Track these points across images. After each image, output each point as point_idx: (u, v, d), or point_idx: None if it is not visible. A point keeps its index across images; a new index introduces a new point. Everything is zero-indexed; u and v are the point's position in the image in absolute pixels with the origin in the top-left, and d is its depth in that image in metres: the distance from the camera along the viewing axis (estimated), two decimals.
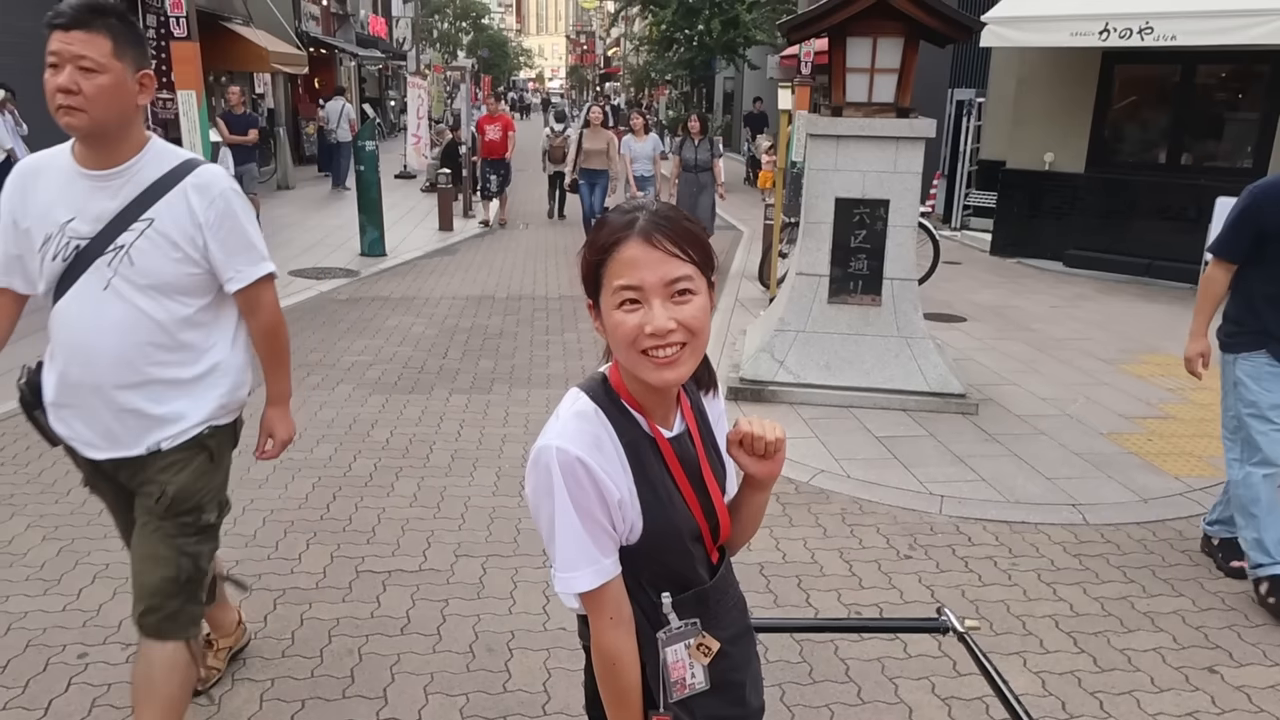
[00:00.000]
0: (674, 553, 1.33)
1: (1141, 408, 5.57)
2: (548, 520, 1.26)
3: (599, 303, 1.26)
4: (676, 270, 1.21)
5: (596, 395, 1.31)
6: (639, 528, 1.29)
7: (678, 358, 1.22)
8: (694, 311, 1.22)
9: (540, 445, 1.26)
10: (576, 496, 1.23)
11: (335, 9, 25.06)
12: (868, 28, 5.21)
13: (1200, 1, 8.22)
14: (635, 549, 1.30)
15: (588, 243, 1.28)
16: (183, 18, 7.47)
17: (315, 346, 6.57)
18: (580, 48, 73.19)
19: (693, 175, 9.68)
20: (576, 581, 1.25)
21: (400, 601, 3.30)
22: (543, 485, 1.25)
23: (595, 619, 1.29)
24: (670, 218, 1.24)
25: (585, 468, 1.23)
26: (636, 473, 1.28)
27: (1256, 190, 3.31)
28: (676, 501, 1.32)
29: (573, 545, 1.24)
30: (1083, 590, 3.48)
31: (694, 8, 18.12)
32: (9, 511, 3.93)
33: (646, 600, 1.33)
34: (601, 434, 1.27)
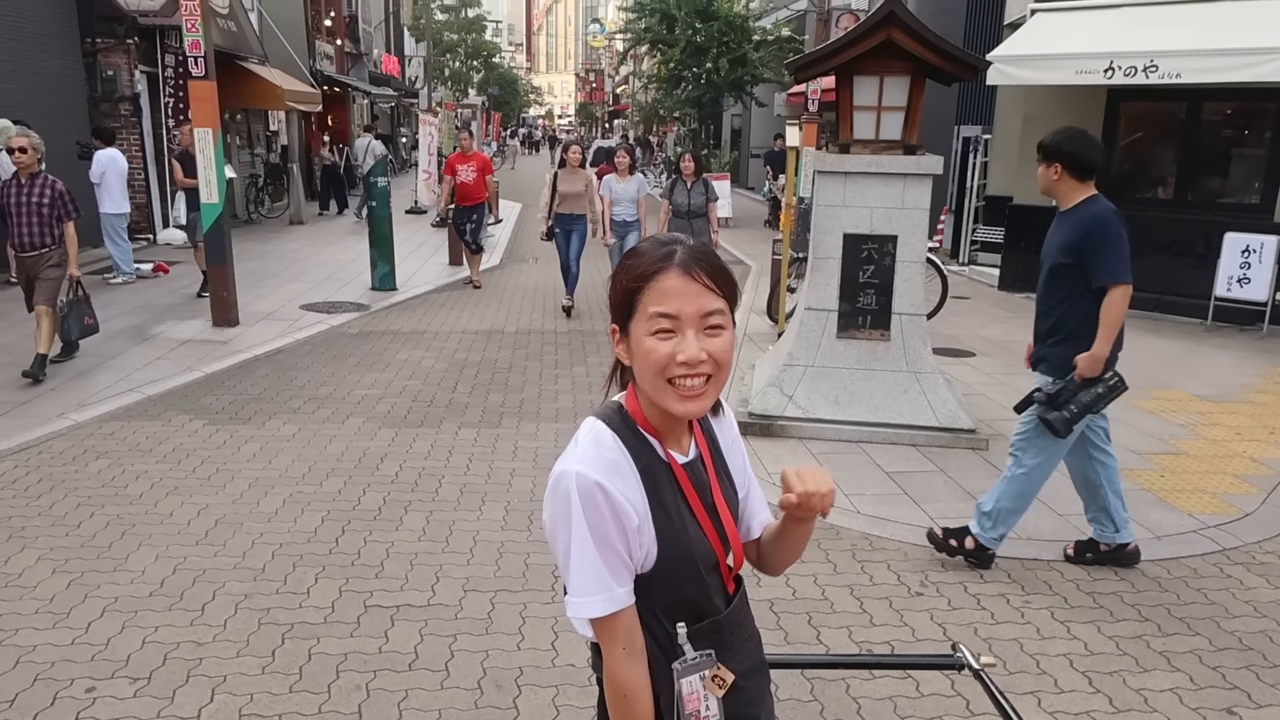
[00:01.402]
0: (689, 580, 1.33)
1: (1153, 443, 5.54)
2: (564, 545, 1.26)
3: (627, 329, 1.28)
4: (711, 304, 1.24)
5: (613, 422, 1.33)
6: (654, 554, 1.29)
7: (703, 391, 1.25)
8: (723, 345, 1.26)
9: (559, 470, 1.27)
10: (594, 522, 1.24)
11: (349, 48, 25.49)
12: (874, 67, 5.28)
13: (1204, 40, 8.30)
14: (650, 577, 1.30)
15: (623, 270, 1.30)
16: (201, 58, 7.64)
17: (325, 380, 6.60)
18: (589, 85, 74.15)
19: (685, 222, 8.49)
20: (589, 607, 1.25)
21: (408, 637, 3.29)
22: (560, 510, 1.26)
23: (608, 649, 1.28)
24: (706, 253, 1.28)
25: (604, 493, 1.24)
26: (652, 498, 1.29)
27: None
28: (691, 528, 1.33)
29: (588, 571, 1.25)
30: (1097, 629, 3.44)
31: (702, 46, 18.35)
32: (19, 544, 3.93)
33: (661, 630, 1.32)
34: (619, 459, 1.28)
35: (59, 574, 3.68)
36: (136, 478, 4.71)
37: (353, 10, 26.14)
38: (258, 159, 17.90)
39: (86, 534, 4.04)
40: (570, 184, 9.04)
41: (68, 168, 10.34)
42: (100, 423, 5.54)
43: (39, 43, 10.85)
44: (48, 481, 4.63)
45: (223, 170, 8.00)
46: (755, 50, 18.41)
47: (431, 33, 32.15)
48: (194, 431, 5.44)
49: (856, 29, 5.26)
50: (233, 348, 7.33)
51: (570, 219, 9.10)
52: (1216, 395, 6.61)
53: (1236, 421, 6.02)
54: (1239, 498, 4.73)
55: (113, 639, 3.22)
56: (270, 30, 16.35)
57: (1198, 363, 7.61)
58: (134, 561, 3.80)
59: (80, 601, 3.46)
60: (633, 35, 20.58)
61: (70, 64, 11.52)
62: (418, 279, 10.90)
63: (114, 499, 4.43)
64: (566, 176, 9.06)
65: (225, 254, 7.96)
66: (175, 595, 3.53)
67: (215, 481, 4.69)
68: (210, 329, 7.89)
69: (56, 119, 10.91)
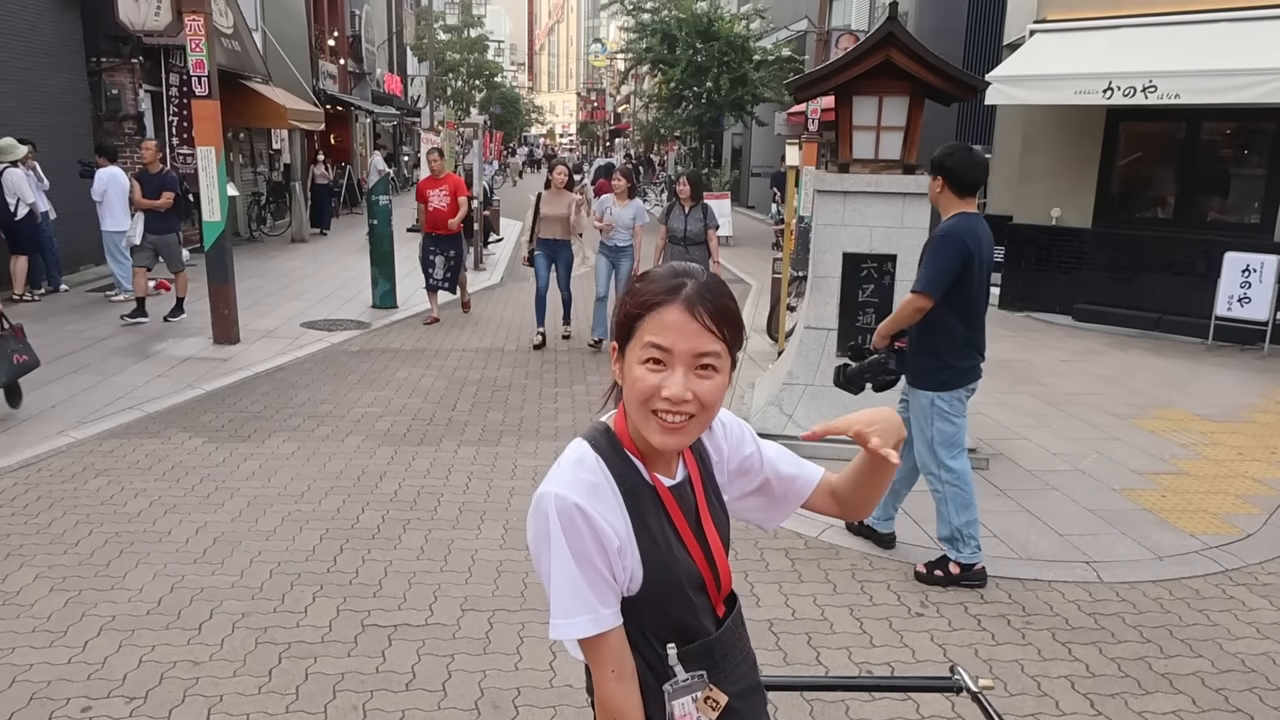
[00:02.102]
0: (676, 602, 1.32)
1: (1155, 463, 5.53)
2: (545, 567, 1.26)
3: (624, 351, 1.29)
4: (707, 345, 1.24)
5: (597, 443, 1.33)
6: (639, 577, 1.29)
7: (684, 426, 1.25)
8: (711, 388, 1.25)
9: (539, 492, 1.28)
10: (574, 543, 1.24)
11: (352, 68, 25.67)
12: (874, 87, 5.31)
13: (1203, 61, 8.35)
14: (637, 599, 1.30)
15: (631, 292, 1.30)
16: (205, 76, 7.68)
17: (325, 398, 6.60)
18: (591, 105, 74.65)
19: (681, 249, 7.78)
20: (571, 628, 1.25)
21: (406, 656, 3.27)
22: (541, 532, 1.26)
23: (597, 671, 1.28)
24: (716, 292, 1.26)
25: (583, 514, 1.24)
26: (635, 521, 1.29)
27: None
28: (677, 550, 1.32)
29: (569, 592, 1.24)
30: (1099, 650, 3.43)
31: (703, 66, 18.47)
32: (18, 562, 3.92)
33: (651, 652, 1.32)
34: (601, 481, 1.28)
35: (57, 592, 3.67)
36: (135, 495, 4.70)
37: (356, 30, 26.34)
38: (260, 177, 17.99)
39: (85, 552, 4.03)
40: (554, 206, 8.38)
41: (70, 185, 10.41)
42: (100, 440, 5.53)
43: (45, 62, 10.94)
44: (47, 499, 4.63)
45: (225, 188, 8.03)
46: (755, 70, 18.53)
47: (434, 53, 32.40)
48: (193, 449, 5.44)
49: (856, 49, 5.30)
50: (233, 365, 7.34)
51: (553, 244, 8.43)
52: (1218, 415, 6.60)
53: (1238, 441, 6.01)
54: (1241, 518, 4.71)
55: (109, 658, 3.21)
56: (274, 50, 16.48)
57: (1199, 382, 7.61)
58: (132, 580, 3.79)
59: (78, 620, 3.45)
60: (634, 55, 20.73)
61: (75, 83, 11.60)
62: (418, 297, 10.91)
63: (113, 516, 4.42)
64: (550, 198, 8.44)
65: (227, 272, 7.99)
66: (173, 614, 3.52)
67: (214, 499, 4.68)
68: (211, 346, 7.91)
69: (61, 137, 10.98)
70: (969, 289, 3.83)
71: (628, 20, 21.07)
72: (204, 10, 7.63)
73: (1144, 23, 9.14)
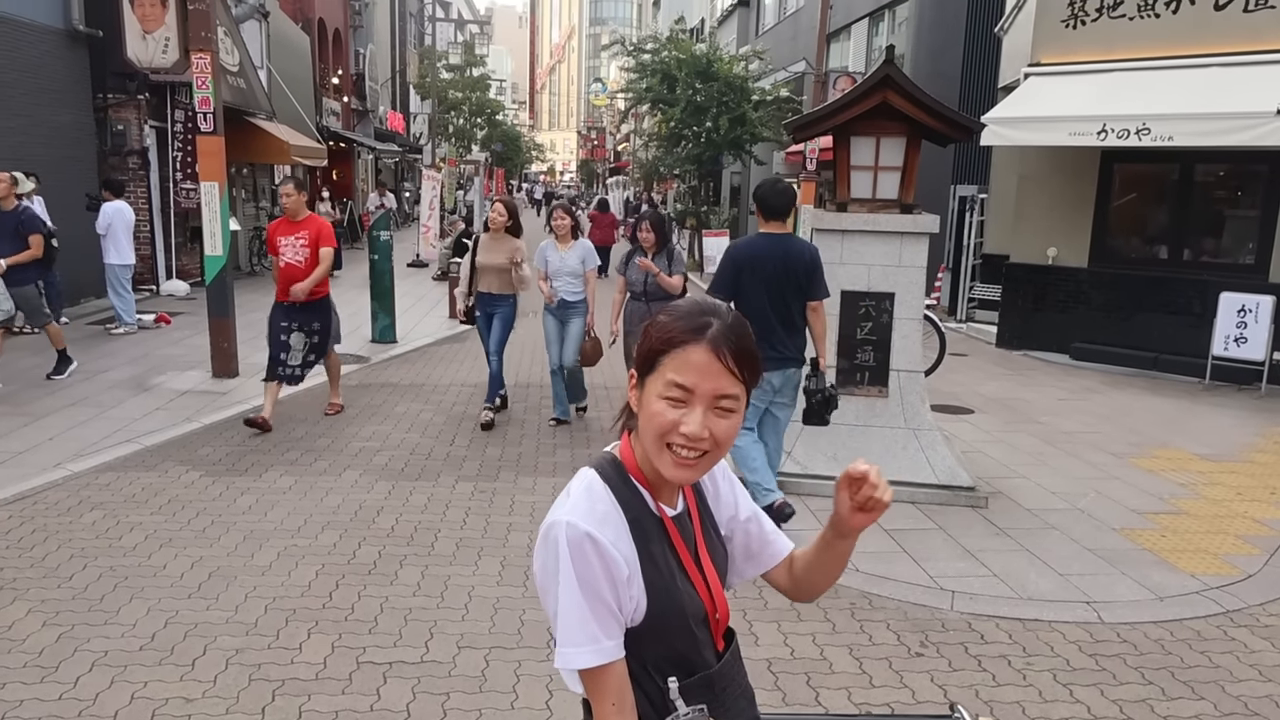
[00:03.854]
0: (678, 633, 1.32)
1: (1154, 503, 5.52)
2: (553, 596, 1.26)
3: (644, 382, 1.30)
4: (728, 387, 1.26)
5: (605, 472, 1.34)
6: (643, 607, 1.29)
7: (697, 463, 1.27)
8: (727, 428, 1.27)
9: (549, 521, 1.28)
10: (582, 573, 1.24)
11: (356, 105, 25.98)
12: (871, 128, 5.38)
13: (1195, 104, 8.48)
14: (640, 630, 1.30)
15: (656, 326, 1.30)
16: (210, 113, 7.78)
17: (323, 432, 6.59)
18: (591, 143, 75.41)
19: (642, 305, 6.50)
20: (577, 658, 1.24)
21: (401, 694, 3.23)
22: (550, 561, 1.26)
23: (598, 705, 1.27)
24: (740, 335, 1.28)
25: (594, 543, 1.24)
26: (641, 550, 1.29)
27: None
28: (680, 580, 1.33)
29: (575, 621, 1.24)
30: (1100, 692, 3.39)
31: (702, 106, 18.68)
32: (10, 596, 3.89)
33: (652, 686, 1.31)
34: (610, 510, 1.29)
35: (49, 626, 3.63)
36: (131, 529, 4.67)
37: (360, 69, 26.70)
38: (262, 212, 18.11)
39: (79, 586, 4.00)
40: (491, 254, 6.76)
41: (73, 218, 10.48)
42: (96, 473, 5.51)
43: (53, 97, 11.08)
44: (41, 532, 4.60)
45: (227, 223, 8.09)
46: (754, 110, 18.74)
47: (437, 91, 32.78)
48: (190, 483, 5.42)
49: (853, 91, 5.38)
50: (232, 399, 7.34)
51: (492, 299, 6.89)
52: (1216, 454, 6.60)
53: (1237, 481, 6.00)
54: (1241, 558, 4.69)
55: (101, 694, 3.17)
56: (279, 87, 16.69)
57: (1196, 422, 7.61)
58: (125, 614, 3.76)
59: (69, 655, 3.42)
60: (634, 95, 20.97)
61: (81, 118, 11.74)
62: (418, 331, 10.95)
63: (107, 551, 4.40)
64: (488, 244, 6.83)
65: (227, 306, 8.01)
66: (166, 649, 3.49)
67: (210, 533, 4.65)
68: (210, 380, 7.91)
69: (66, 171, 11.08)
70: (744, 292, 4.67)
71: (628, 61, 21.34)
72: (211, 49, 7.74)
73: (1136, 67, 9.30)
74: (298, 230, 6.65)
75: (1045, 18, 10.05)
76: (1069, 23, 9.86)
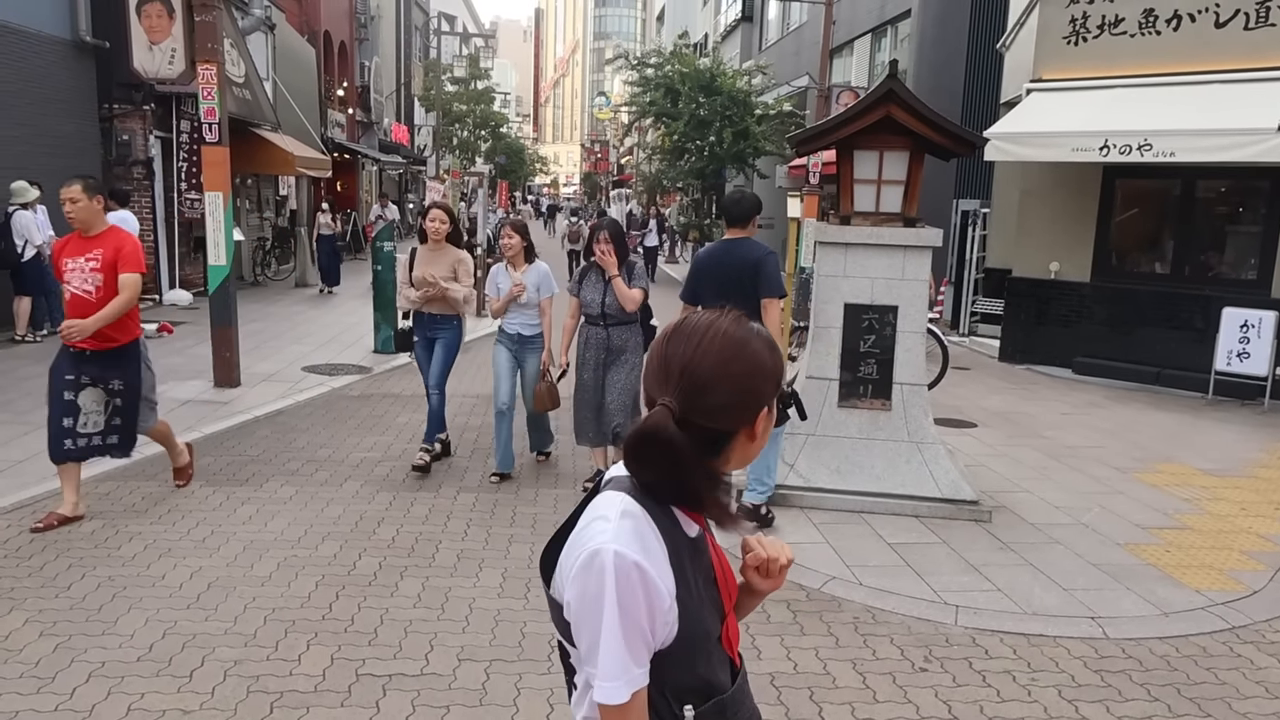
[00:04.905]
0: (704, 655, 1.30)
1: (1158, 518, 5.49)
2: (593, 625, 1.21)
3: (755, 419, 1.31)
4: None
5: (638, 496, 1.28)
6: (675, 631, 1.25)
7: None
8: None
9: (594, 548, 1.22)
10: (627, 603, 1.19)
11: (360, 117, 26.09)
12: (874, 142, 5.39)
13: (1197, 120, 8.49)
14: (669, 652, 1.26)
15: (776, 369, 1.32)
16: (215, 124, 7.81)
17: (325, 443, 6.58)
18: (594, 156, 75.55)
19: (600, 330, 5.52)
20: (616, 693, 1.20)
21: (400, 707, 3.21)
22: (594, 590, 1.21)
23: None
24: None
25: (641, 574, 1.20)
26: (678, 574, 1.25)
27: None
28: (706, 599, 1.31)
29: (617, 655, 1.20)
30: (1106, 708, 3.36)
31: (705, 120, 18.77)
32: (8, 605, 3.87)
33: (669, 712, 1.28)
34: (649, 535, 1.25)
35: (46, 637, 3.61)
36: (130, 539, 4.66)
37: (365, 81, 26.83)
38: (266, 222, 18.16)
39: (77, 596, 3.98)
40: (430, 267, 5.79)
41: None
42: (96, 482, 5.50)
43: (59, 107, 11.12)
44: (40, 541, 4.58)
45: (231, 233, 8.11)
46: (757, 124, 18.82)
47: (441, 103, 32.94)
48: (190, 492, 5.40)
49: (857, 105, 5.39)
50: (233, 408, 7.33)
51: (433, 322, 5.95)
52: (1220, 470, 6.57)
53: (1241, 496, 5.98)
54: (1246, 574, 4.66)
55: (97, 705, 3.14)
56: (284, 98, 16.76)
57: (1200, 437, 7.59)
58: (123, 625, 3.73)
59: (66, 666, 3.39)
60: (638, 108, 21.07)
61: (86, 128, 11.78)
62: None
63: (106, 560, 4.38)
64: (427, 256, 5.87)
65: (230, 315, 8.02)
66: (164, 660, 3.46)
67: (210, 544, 4.63)
68: (211, 389, 7.90)
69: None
70: (702, 296, 4.98)
71: (632, 75, 21.46)
72: (217, 60, 7.77)
73: (1138, 83, 9.32)
74: (89, 249, 4.73)
75: (1047, 34, 10.08)
76: (1071, 39, 9.89)
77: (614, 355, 5.52)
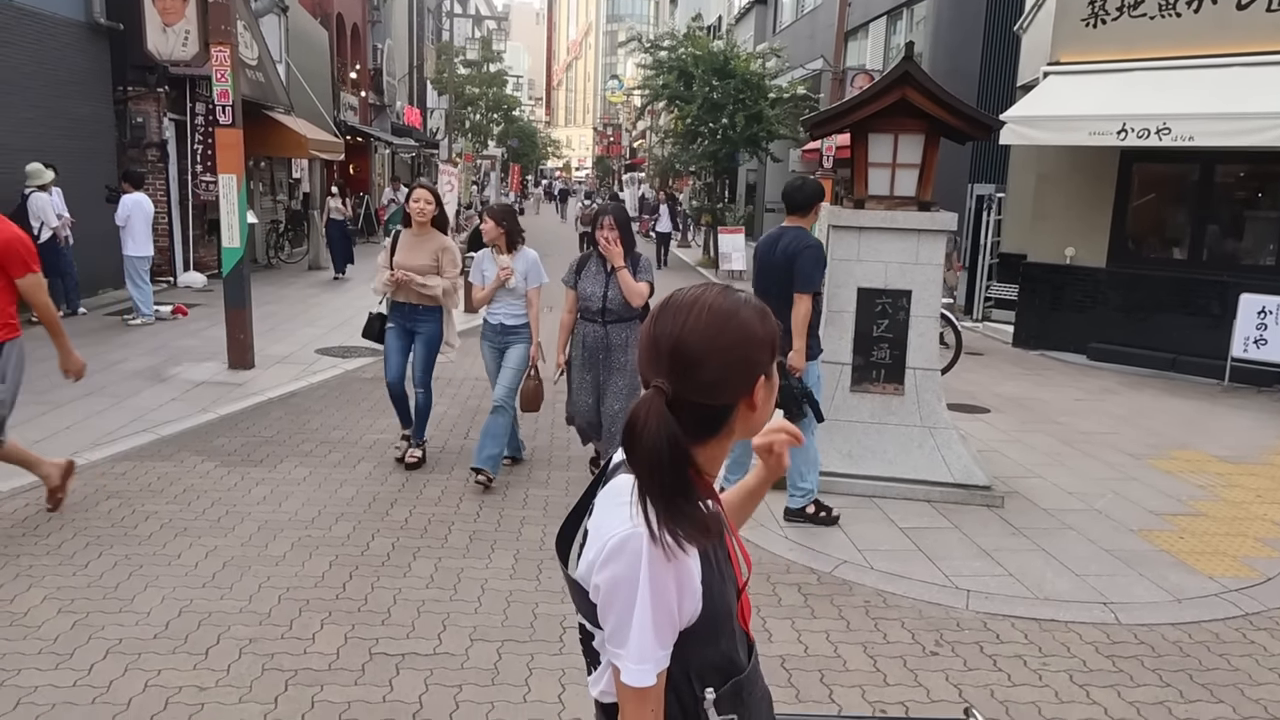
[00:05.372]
0: (727, 632, 1.30)
1: (1172, 504, 5.46)
2: (624, 608, 1.21)
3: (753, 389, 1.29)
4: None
5: None
6: (699, 609, 1.25)
7: None
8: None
9: (627, 533, 1.21)
10: (658, 587, 1.19)
11: (373, 100, 26.05)
12: (889, 125, 5.34)
13: (1217, 104, 8.38)
14: (693, 630, 1.26)
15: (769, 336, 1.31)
16: (229, 106, 7.81)
17: (338, 424, 6.61)
18: (606, 139, 75.33)
19: (598, 329, 5.09)
20: (645, 676, 1.20)
21: (413, 686, 3.24)
22: (629, 573, 1.20)
23: (637, 712, 1.23)
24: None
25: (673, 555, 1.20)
26: (701, 552, 1.25)
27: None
28: (728, 577, 1.31)
29: (649, 638, 1.20)
30: (1117, 694, 3.36)
31: (719, 103, 18.64)
32: (26, 583, 3.92)
33: (689, 694, 1.28)
34: None
35: (64, 614, 3.66)
36: (146, 518, 4.70)
37: (378, 64, 26.77)
38: (279, 205, 18.20)
39: (94, 574, 4.03)
40: (412, 254, 5.41)
41: (92, 210, 10.56)
42: (113, 462, 5.55)
43: (73, 90, 11.15)
44: (57, 520, 4.63)
45: (245, 215, 8.13)
46: (771, 107, 18.68)
47: (454, 86, 32.84)
48: (205, 473, 5.44)
49: (872, 88, 5.34)
50: (247, 390, 7.37)
51: (413, 314, 5.53)
52: (1235, 456, 6.53)
53: (1256, 484, 5.94)
54: (1260, 561, 4.64)
55: (115, 681, 3.19)
56: (297, 81, 16.76)
57: (1215, 423, 7.54)
58: (140, 603, 3.78)
59: (84, 642, 3.44)
60: (650, 91, 20.95)
61: (101, 110, 11.81)
62: None
63: (123, 539, 4.42)
64: (410, 242, 5.45)
65: (244, 297, 8.05)
66: (180, 638, 3.50)
67: (225, 524, 4.68)
68: (226, 371, 7.95)
69: (85, 163, 11.16)
70: (755, 282, 4.92)
71: (645, 58, 21.33)
72: (230, 42, 7.77)
73: (1157, 66, 9.21)
74: None
75: (1065, 16, 9.96)
76: (1089, 21, 9.77)
77: (613, 356, 5.07)
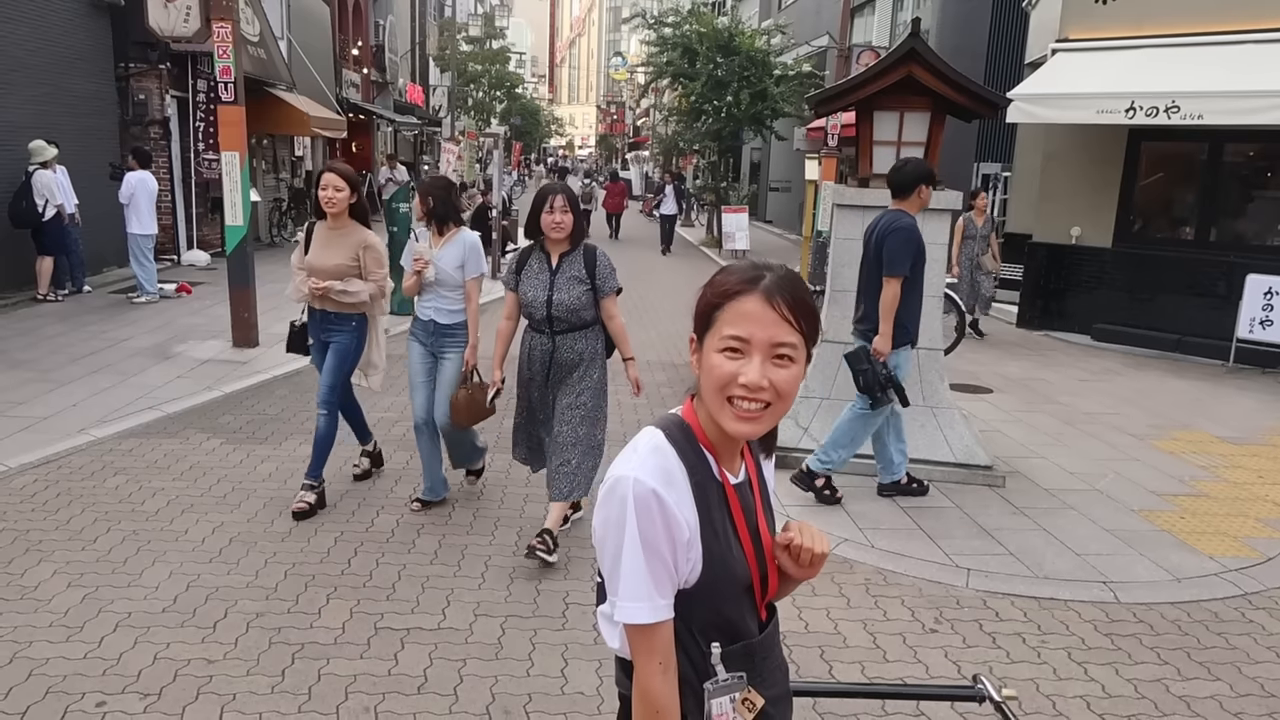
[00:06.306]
0: (728, 600, 1.33)
1: (1174, 485, 5.48)
2: (614, 550, 1.26)
3: (702, 341, 1.31)
4: (785, 336, 1.25)
5: (672, 434, 1.33)
6: (698, 570, 1.29)
7: (759, 415, 1.27)
8: (787, 378, 1.26)
9: (616, 475, 1.27)
10: (646, 529, 1.24)
11: (375, 77, 25.89)
12: (895, 102, 5.31)
13: (1227, 82, 8.31)
14: (692, 593, 1.30)
15: (711, 285, 1.31)
16: (231, 83, 7.78)
17: None
18: (610, 117, 74.92)
19: (544, 339, 4.14)
20: (636, 613, 1.25)
21: (418, 660, 3.28)
22: (615, 515, 1.26)
23: (645, 662, 1.28)
24: (795, 285, 1.28)
25: (659, 501, 1.24)
26: (702, 513, 1.29)
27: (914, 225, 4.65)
28: (735, 548, 1.33)
29: (635, 578, 1.25)
30: (1115, 671, 3.39)
31: (723, 80, 18.53)
32: (36, 557, 3.96)
33: (695, 650, 1.32)
34: (674, 471, 1.29)
35: (74, 588, 3.70)
36: (153, 494, 4.74)
37: (380, 40, 26.58)
38: (282, 183, 18.16)
39: (102, 549, 4.07)
40: (327, 252, 4.49)
41: (95, 188, 10.54)
42: (120, 439, 5.58)
43: (75, 67, 11.10)
44: (66, 496, 4.67)
45: (248, 193, 8.12)
46: (776, 85, 18.56)
47: (456, 64, 32.65)
48: (211, 450, 5.48)
49: (878, 64, 5.31)
50: (252, 368, 7.40)
51: (325, 321, 4.62)
52: (1238, 437, 6.54)
53: (1259, 465, 5.95)
54: (1261, 541, 4.66)
55: (125, 654, 3.23)
56: (299, 58, 16.66)
57: (1219, 404, 7.54)
58: (148, 577, 3.82)
59: (94, 616, 3.48)
60: (655, 69, 20.83)
61: (103, 88, 11.77)
62: None
63: (130, 515, 4.46)
64: (325, 238, 4.53)
65: (248, 275, 8.06)
66: (188, 612, 3.54)
67: (231, 500, 4.71)
68: (230, 349, 7.97)
69: (88, 140, 11.13)
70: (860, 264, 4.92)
71: (649, 34, 21.16)
72: (231, 18, 7.73)
73: (1167, 43, 9.13)
74: None
75: None
76: None
77: (563, 372, 4.13)
